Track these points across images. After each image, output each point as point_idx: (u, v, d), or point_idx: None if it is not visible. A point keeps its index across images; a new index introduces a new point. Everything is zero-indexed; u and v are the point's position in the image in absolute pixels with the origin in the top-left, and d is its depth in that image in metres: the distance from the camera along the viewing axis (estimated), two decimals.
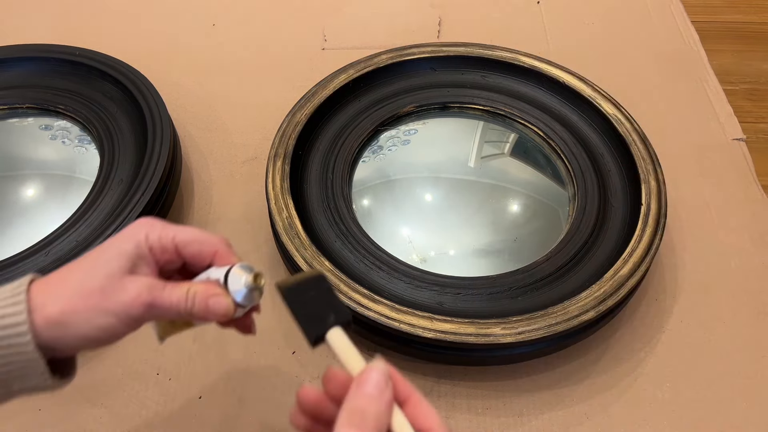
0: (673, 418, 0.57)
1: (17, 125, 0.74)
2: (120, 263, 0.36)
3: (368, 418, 0.29)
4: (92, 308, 0.34)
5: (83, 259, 0.37)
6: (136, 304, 0.35)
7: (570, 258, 0.62)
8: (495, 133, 0.75)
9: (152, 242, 0.37)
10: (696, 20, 0.96)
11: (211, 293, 0.37)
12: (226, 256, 0.38)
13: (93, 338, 0.35)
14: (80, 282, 0.35)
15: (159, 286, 0.36)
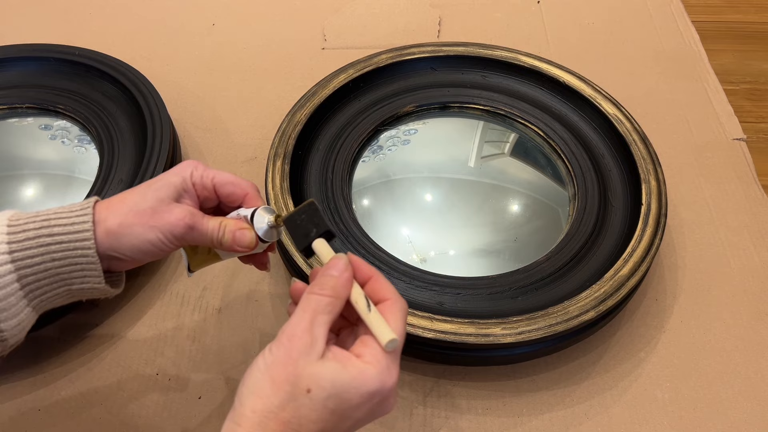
0: (673, 418, 0.57)
1: (17, 125, 0.74)
2: (169, 191, 0.43)
3: (327, 287, 0.37)
4: (144, 224, 0.41)
5: (138, 186, 0.43)
6: (180, 224, 0.42)
7: (570, 258, 0.62)
8: (495, 133, 0.75)
9: (195, 179, 0.44)
10: (696, 20, 0.96)
11: (239, 227, 0.44)
12: (254, 199, 0.46)
13: (142, 250, 0.42)
14: (135, 203, 0.42)
15: (199, 214, 0.43)
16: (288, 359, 0.34)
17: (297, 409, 0.34)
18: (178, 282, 0.66)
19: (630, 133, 0.69)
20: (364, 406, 0.35)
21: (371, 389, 0.35)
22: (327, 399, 0.34)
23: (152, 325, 0.63)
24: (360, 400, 0.34)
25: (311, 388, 0.34)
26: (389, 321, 0.37)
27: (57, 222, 0.40)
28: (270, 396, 0.34)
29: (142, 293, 0.65)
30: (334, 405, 0.34)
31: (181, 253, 0.49)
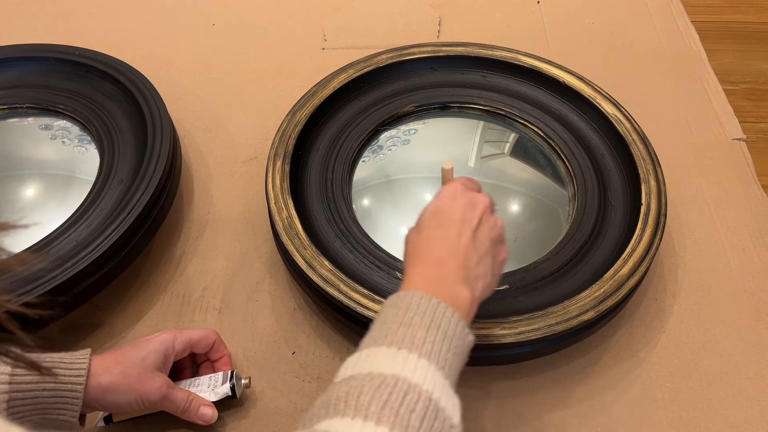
0: (673, 418, 0.57)
1: (17, 125, 0.74)
2: (156, 359, 0.52)
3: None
4: (128, 386, 0.50)
5: (131, 350, 0.52)
6: (157, 393, 0.50)
7: (570, 258, 0.62)
8: (495, 133, 0.75)
9: (177, 347, 0.54)
10: (696, 20, 0.96)
11: (204, 404, 0.54)
12: (219, 347, 0.58)
13: (119, 405, 0.50)
14: (128, 366, 0.50)
15: (173, 385, 0.52)
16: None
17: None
18: (178, 282, 0.66)
19: (630, 133, 0.69)
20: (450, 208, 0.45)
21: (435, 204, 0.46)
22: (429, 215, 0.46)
23: (152, 325, 0.63)
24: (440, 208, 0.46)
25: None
26: None
27: (58, 366, 0.48)
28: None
29: (142, 293, 0.65)
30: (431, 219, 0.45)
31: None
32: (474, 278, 0.43)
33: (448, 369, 0.38)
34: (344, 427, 0.33)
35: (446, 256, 0.43)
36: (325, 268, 0.57)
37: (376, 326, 0.40)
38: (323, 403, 0.36)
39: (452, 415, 0.36)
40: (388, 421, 0.33)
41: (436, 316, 0.39)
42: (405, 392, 0.34)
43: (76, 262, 0.56)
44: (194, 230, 0.70)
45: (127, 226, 0.59)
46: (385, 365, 0.36)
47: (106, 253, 0.57)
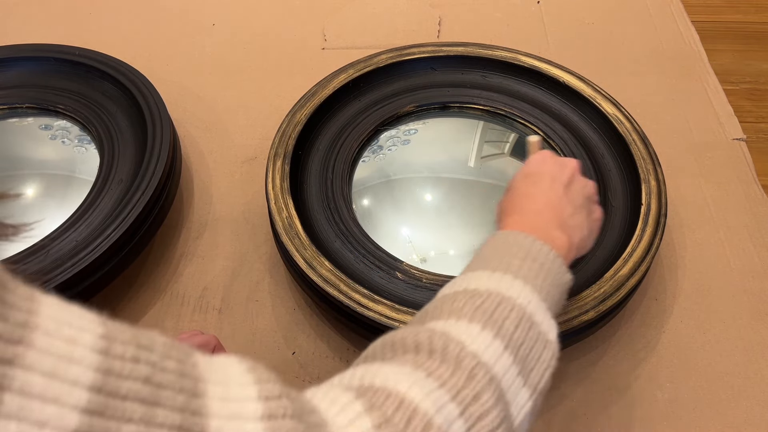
0: (672, 418, 0.57)
1: (17, 125, 0.74)
2: None
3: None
4: None
5: None
6: None
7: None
8: (495, 133, 0.75)
9: None
10: (696, 20, 0.96)
11: None
12: (220, 352, 0.54)
13: None
14: None
15: None
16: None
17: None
18: (178, 282, 0.66)
19: (630, 133, 0.69)
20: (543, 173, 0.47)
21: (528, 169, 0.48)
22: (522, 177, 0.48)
23: (152, 325, 0.63)
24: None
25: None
26: None
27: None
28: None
29: (142, 293, 0.65)
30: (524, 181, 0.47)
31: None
32: (571, 227, 0.44)
33: (545, 294, 0.37)
34: (438, 326, 0.33)
35: (543, 207, 0.44)
36: (325, 268, 0.57)
37: (473, 260, 0.40)
38: (419, 315, 0.37)
39: (548, 330, 0.36)
40: (481, 320, 0.33)
41: (533, 249, 0.39)
42: (499, 302, 0.35)
43: (76, 262, 0.56)
44: (194, 230, 0.70)
45: (127, 226, 0.59)
46: (480, 283, 0.37)
47: (106, 253, 0.57)
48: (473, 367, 0.31)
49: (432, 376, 0.30)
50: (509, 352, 0.33)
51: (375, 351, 0.34)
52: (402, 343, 0.32)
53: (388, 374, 0.30)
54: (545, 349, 0.35)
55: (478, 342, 0.32)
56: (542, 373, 0.35)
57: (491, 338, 0.33)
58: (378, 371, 0.30)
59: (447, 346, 0.31)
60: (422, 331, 0.33)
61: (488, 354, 0.32)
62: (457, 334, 0.32)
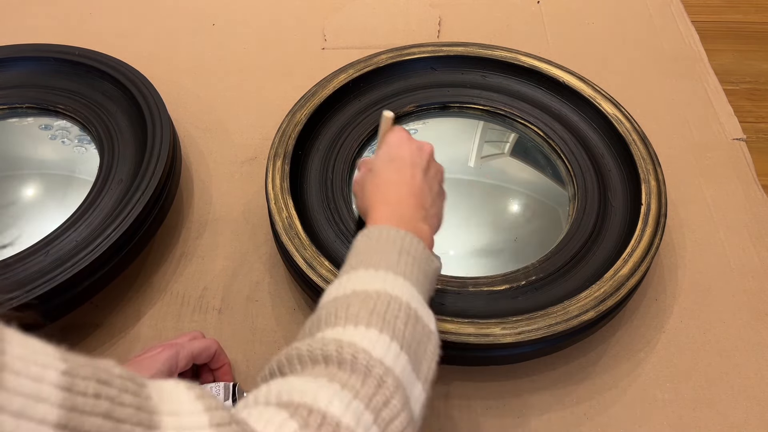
0: (673, 418, 0.57)
1: (17, 125, 0.74)
2: (162, 378, 0.50)
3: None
4: None
5: (137, 370, 0.48)
6: None
7: (570, 258, 0.62)
8: (495, 133, 0.75)
9: (180, 363, 0.53)
10: (696, 20, 0.96)
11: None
12: (220, 357, 0.56)
13: None
14: None
15: None
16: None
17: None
18: (178, 282, 0.66)
19: (630, 133, 0.69)
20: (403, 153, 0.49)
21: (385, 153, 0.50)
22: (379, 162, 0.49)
23: (152, 325, 0.63)
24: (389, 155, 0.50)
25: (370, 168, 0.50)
26: None
27: None
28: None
29: (142, 293, 0.65)
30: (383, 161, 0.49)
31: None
32: (431, 216, 0.48)
33: (420, 287, 0.41)
34: (338, 333, 0.35)
35: (406, 196, 0.47)
36: (325, 268, 0.57)
37: (350, 256, 0.43)
38: (314, 322, 0.38)
39: (429, 322, 0.39)
40: (377, 325, 0.36)
41: (405, 243, 0.42)
42: (388, 302, 0.37)
43: (76, 262, 0.56)
44: (194, 230, 0.70)
45: (127, 226, 0.58)
46: (367, 283, 0.39)
47: (106, 253, 0.57)
48: (381, 375, 0.33)
49: (346, 388, 0.32)
50: (404, 351, 0.36)
51: (281, 364, 0.35)
52: (311, 356, 0.34)
53: (305, 389, 0.31)
54: (429, 342, 0.38)
55: (378, 347, 0.34)
56: (430, 365, 0.38)
57: (389, 341, 0.35)
58: (294, 386, 0.31)
59: (356, 356, 0.33)
60: (329, 342, 0.34)
61: (389, 358, 0.34)
62: (360, 342, 0.34)
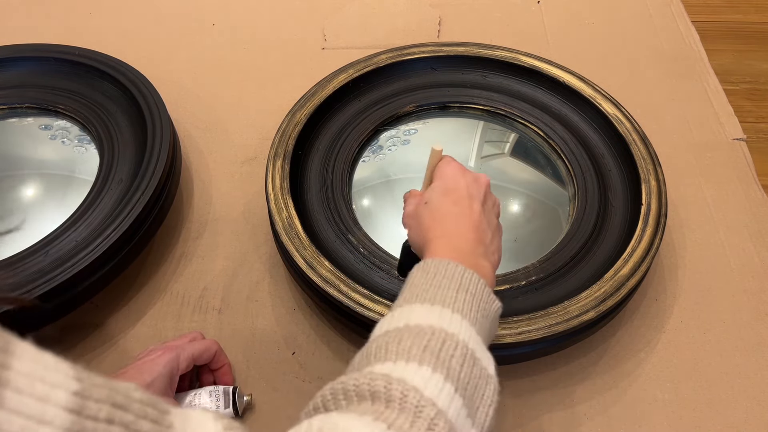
0: (673, 418, 0.57)
1: (17, 125, 0.74)
2: (162, 385, 0.51)
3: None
4: None
5: (138, 374, 0.50)
6: None
7: (570, 258, 0.62)
8: (495, 133, 0.75)
9: (181, 366, 0.53)
10: (696, 20, 0.96)
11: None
12: (219, 358, 0.57)
13: None
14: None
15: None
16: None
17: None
18: (178, 282, 0.66)
19: (630, 133, 0.69)
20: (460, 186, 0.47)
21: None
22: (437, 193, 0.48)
23: (152, 325, 0.63)
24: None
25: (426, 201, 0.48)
26: None
27: None
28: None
29: (142, 293, 0.65)
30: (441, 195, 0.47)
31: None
32: (491, 253, 0.46)
33: (479, 327, 0.38)
34: (387, 369, 0.33)
35: (467, 230, 0.45)
36: (325, 268, 0.57)
37: (406, 289, 0.40)
38: (363, 355, 0.36)
39: (488, 365, 0.36)
40: (429, 362, 0.33)
41: (464, 280, 0.40)
42: (443, 340, 0.35)
43: (76, 262, 0.56)
44: (194, 230, 0.70)
45: (127, 226, 0.58)
46: (421, 318, 0.37)
47: (106, 253, 0.57)
48: (433, 417, 0.31)
49: (393, 428, 0.30)
50: (459, 393, 0.33)
51: (326, 399, 0.33)
52: (357, 391, 0.32)
53: (348, 427, 0.29)
54: (487, 386, 0.36)
55: (430, 386, 0.32)
56: (487, 411, 0.35)
57: (442, 381, 0.33)
58: (338, 423, 0.30)
59: (405, 394, 0.31)
60: (377, 377, 0.32)
61: (442, 399, 0.32)
62: (412, 379, 0.32)
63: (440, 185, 0.48)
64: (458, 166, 0.49)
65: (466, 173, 0.48)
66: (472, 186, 0.47)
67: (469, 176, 0.48)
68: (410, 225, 0.49)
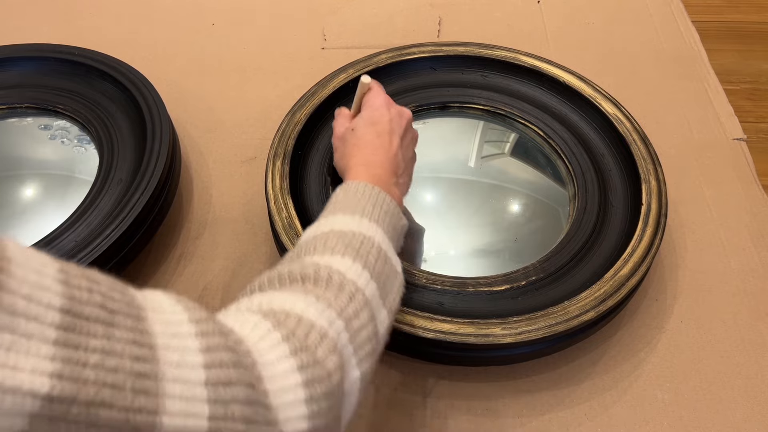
0: (673, 419, 0.57)
1: (17, 125, 0.74)
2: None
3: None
4: None
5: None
6: None
7: (570, 258, 0.62)
8: (495, 133, 0.75)
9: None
10: (696, 20, 0.96)
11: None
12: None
13: None
14: None
15: None
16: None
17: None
18: (178, 282, 0.66)
19: (630, 133, 0.69)
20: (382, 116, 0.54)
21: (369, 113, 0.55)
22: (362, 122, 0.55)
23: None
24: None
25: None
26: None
27: None
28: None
29: None
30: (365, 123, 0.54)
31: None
32: (402, 184, 0.54)
33: (390, 235, 0.46)
34: (316, 260, 0.40)
35: (384, 160, 0.52)
36: None
37: (329, 205, 0.47)
38: (294, 254, 0.42)
39: (396, 264, 0.45)
40: (350, 255, 0.41)
41: (379, 199, 0.47)
42: (362, 240, 0.42)
43: (75, 262, 0.56)
44: (194, 230, 0.70)
45: (127, 227, 0.58)
46: (344, 224, 0.44)
47: (106, 253, 0.57)
48: (353, 292, 0.38)
49: (321, 299, 0.37)
50: (374, 279, 0.41)
51: (263, 283, 0.39)
52: (290, 276, 0.39)
53: (284, 300, 0.36)
54: (396, 279, 0.44)
55: (352, 271, 0.40)
56: (395, 298, 0.43)
57: (361, 268, 0.40)
58: (274, 298, 0.36)
59: (330, 276, 0.38)
60: (307, 264, 0.39)
61: (361, 281, 0.40)
62: (337, 266, 0.39)
63: (367, 115, 0.55)
64: (386, 98, 0.55)
65: (391, 107, 0.55)
66: (395, 120, 0.54)
67: (394, 110, 0.55)
68: (336, 146, 0.58)
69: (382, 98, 0.55)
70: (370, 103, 0.55)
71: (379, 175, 0.50)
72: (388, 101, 0.55)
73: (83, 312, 0.26)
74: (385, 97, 0.56)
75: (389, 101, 0.55)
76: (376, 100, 0.55)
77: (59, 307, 0.25)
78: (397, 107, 0.56)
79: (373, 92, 0.56)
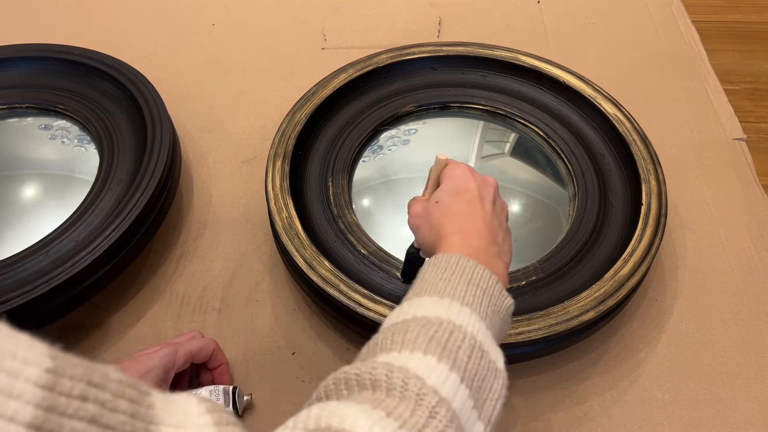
0: (673, 419, 0.57)
1: (17, 125, 0.74)
2: (156, 377, 0.51)
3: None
4: None
5: (135, 364, 0.51)
6: None
7: (570, 258, 0.62)
8: (495, 133, 0.75)
9: (177, 361, 0.53)
10: (696, 20, 0.96)
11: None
12: (218, 356, 0.57)
13: None
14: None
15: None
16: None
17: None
18: (178, 282, 0.66)
19: (630, 133, 0.69)
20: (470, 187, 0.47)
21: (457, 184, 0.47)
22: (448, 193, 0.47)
23: (152, 326, 0.63)
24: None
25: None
26: None
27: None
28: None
29: (142, 293, 0.65)
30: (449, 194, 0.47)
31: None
32: (504, 253, 0.45)
33: (489, 322, 0.37)
34: (391, 358, 0.32)
35: (481, 227, 0.44)
36: (325, 268, 0.57)
37: (416, 283, 0.40)
38: (369, 347, 0.35)
39: (496, 359, 0.36)
40: (435, 352, 0.33)
41: (475, 275, 0.39)
42: (451, 331, 0.34)
43: (75, 262, 0.56)
44: (194, 230, 0.70)
45: (127, 226, 0.58)
46: (429, 310, 0.36)
47: (106, 253, 0.57)
48: (434, 405, 0.30)
49: (392, 416, 0.29)
50: (465, 384, 0.33)
51: (328, 389, 0.32)
52: (358, 380, 0.31)
53: (345, 414, 0.28)
54: (496, 379, 0.35)
55: (435, 375, 0.31)
56: (495, 404, 0.34)
57: (447, 370, 0.32)
58: (335, 411, 0.29)
59: (407, 383, 0.30)
60: (379, 366, 0.31)
61: (446, 388, 0.31)
62: (415, 368, 0.31)
63: (450, 185, 0.47)
64: (467, 168, 0.48)
65: (475, 175, 0.48)
66: (482, 187, 0.47)
67: (479, 178, 0.48)
68: (418, 225, 0.48)
69: (463, 167, 0.48)
70: (450, 173, 0.48)
71: (477, 244, 0.42)
72: (470, 170, 0.48)
73: (61, 429, 0.21)
74: (465, 166, 0.49)
75: (471, 170, 0.49)
76: (456, 170, 0.48)
77: (28, 422, 0.21)
78: (480, 175, 0.49)
79: (452, 164, 0.49)
